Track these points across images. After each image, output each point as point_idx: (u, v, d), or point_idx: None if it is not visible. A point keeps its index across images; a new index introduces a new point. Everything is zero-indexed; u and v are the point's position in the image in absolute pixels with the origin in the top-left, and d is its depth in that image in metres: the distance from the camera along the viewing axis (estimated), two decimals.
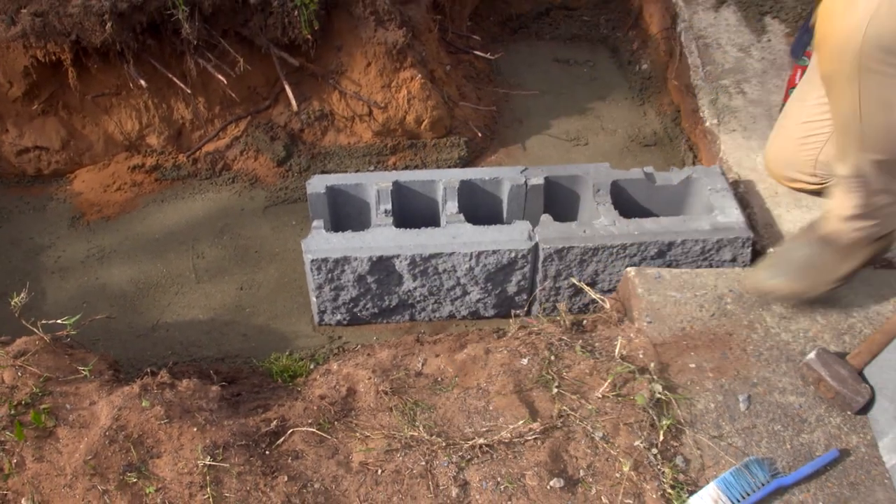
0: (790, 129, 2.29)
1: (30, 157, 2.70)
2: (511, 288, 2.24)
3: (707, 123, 2.61)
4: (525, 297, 2.27)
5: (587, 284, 2.21)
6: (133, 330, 2.32)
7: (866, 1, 1.56)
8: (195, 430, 1.69)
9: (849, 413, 1.83)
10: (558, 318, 2.10)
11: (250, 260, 2.54)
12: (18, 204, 2.70)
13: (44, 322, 1.83)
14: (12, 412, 1.63)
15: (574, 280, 2.20)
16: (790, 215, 2.30)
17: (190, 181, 2.75)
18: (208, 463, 1.63)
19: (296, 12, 2.54)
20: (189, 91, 2.61)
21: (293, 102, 2.68)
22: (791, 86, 2.58)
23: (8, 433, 1.61)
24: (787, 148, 2.30)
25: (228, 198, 2.71)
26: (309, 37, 2.61)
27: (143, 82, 2.53)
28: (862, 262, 2.00)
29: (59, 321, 1.82)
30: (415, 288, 2.22)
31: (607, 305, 2.14)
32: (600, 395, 1.85)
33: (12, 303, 1.84)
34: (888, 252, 2.07)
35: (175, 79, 2.57)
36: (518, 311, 2.25)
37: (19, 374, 1.70)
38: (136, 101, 2.66)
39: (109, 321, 2.31)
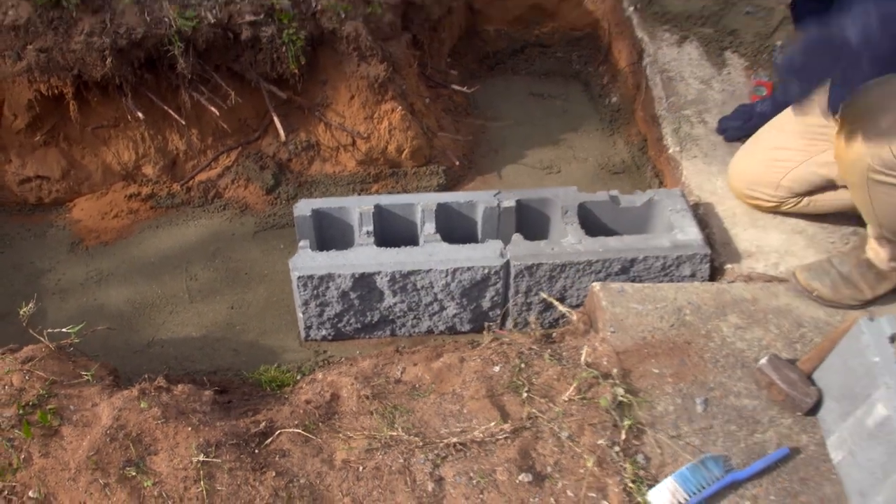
0: (761, 152, 2.49)
1: (31, 186, 2.85)
2: (485, 303, 2.39)
3: (670, 151, 2.79)
4: (498, 311, 2.42)
5: (556, 299, 2.36)
6: (130, 346, 2.46)
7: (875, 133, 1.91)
8: (189, 429, 1.83)
9: (798, 414, 1.98)
10: (530, 330, 2.25)
11: (240, 281, 2.68)
12: (20, 231, 2.84)
13: (49, 331, 1.97)
14: (20, 412, 1.77)
15: (544, 294, 2.35)
16: (746, 234, 2.47)
17: (183, 208, 2.90)
18: (202, 459, 1.77)
19: (284, 48, 2.72)
20: (183, 122, 2.78)
21: (281, 133, 2.85)
22: None
23: (17, 431, 1.75)
24: (755, 168, 2.49)
25: (220, 223, 2.87)
26: (296, 71, 2.79)
27: (140, 114, 2.70)
28: (892, 288, 2.26)
29: (63, 330, 1.97)
30: (395, 304, 2.37)
31: (574, 318, 2.29)
32: (567, 399, 2.00)
33: (21, 312, 1.99)
34: None
35: (171, 111, 2.74)
36: (492, 325, 2.40)
37: (27, 377, 1.84)
38: (132, 133, 2.82)
39: (108, 338, 2.45)
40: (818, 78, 1.88)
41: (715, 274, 2.41)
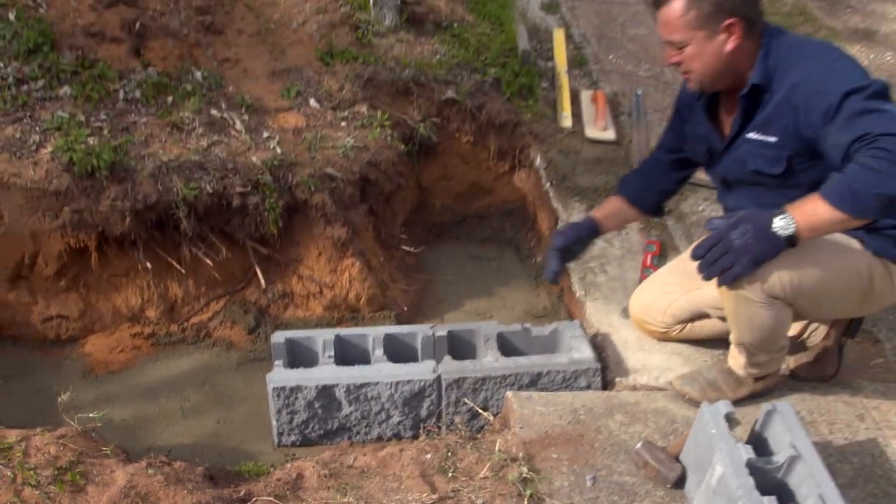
0: (655, 284, 3.14)
1: (52, 324, 3.43)
2: (423, 411, 2.97)
3: (577, 295, 3.45)
4: (434, 419, 3.00)
5: (480, 407, 2.96)
6: (131, 451, 2.99)
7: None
8: (185, 492, 2.37)
9: (668, 486, 2.52)
10: (457, 430, 2.84)
11: (225, 402, 3.25)
12: (40, 363, 3.40)
13: (79, 415, 2.54)
14: (55, 473, 2.31)
15: (469, 403, 2.95)
16: (635, 356, 3.09)
17: (179, 345, 3.48)
18: None
19: (266, 214, 3.40)
20: (184, 272, 3.42)
21: (263, 283, 3.50)
22: (644, 266, 3.48)
23: (52, 486, 2.28)
24: (648, 296, 3.13)
25: (209, 358, 3.45)
26: (275, 232, 3.46)
27: (149, 265, 3.35)
28: (751, 391, 2.81)
29: (90, 415, 2.54)
30: (351, 412, 2.94)
31: (492, 419, 2.88)
32: (482, 476, 2.55)
33: (59, 399, 2.56)
34: (772, 388, 2.86)
35: (174, 262, 3.39)
36: (428, 427, 2.97)
37: (61, 448, 2.40)
38: (140, 281, 3.45)
39: (114, 441, 2.98)
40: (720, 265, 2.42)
41: (607, 386, 3.02)
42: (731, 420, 2.39)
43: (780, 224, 2.28)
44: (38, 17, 3.72)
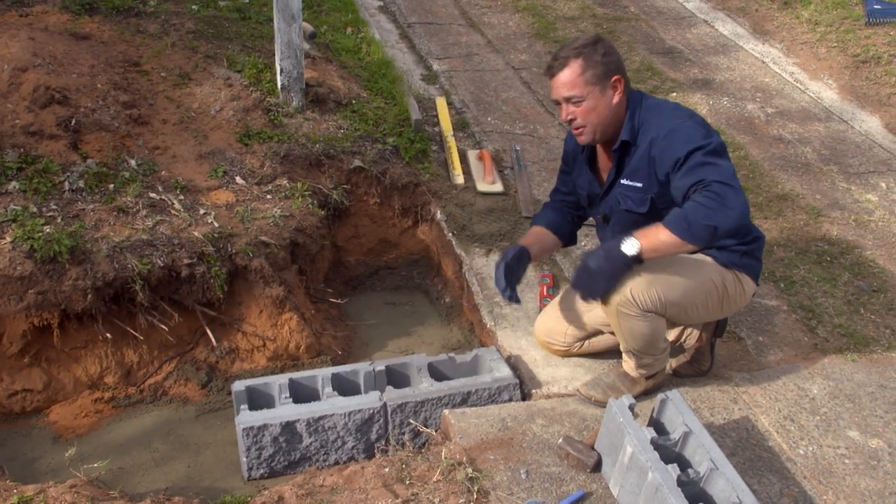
0: (553, 311, 3.69)
1: (18, 398, 3.73)
2: (373, 435, 3.46)
3: (488, 327, 4.01)
4: (383, 441, 3.49)
5: (422, 425, 3.47)
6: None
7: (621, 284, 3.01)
8: None
9: (588, 471, 3.07)
10: (406, 447, 3.34)
11: (192, 449, 3.64)
12: (10, 434, 3.69)
13: (85, 466, 2.91)
14: None
15: (413, 421, 3.45)
16: (545, 371, 3.65)
17: (139, 405, 3.83)
18: None
19: (211, 280, 3.84)
20: (141, 338, 3.81)
21: (213, 341, 3.92)
22: (542, 296, 4.07)
23: None
24: (549, 321, 3.69)
25: (169, 413, 3.83)
26: (220, 296, 3.89)
27: (108, 335, 3.72)
28: (645, 389, 3.40)
29: (94, 465, 2.91)
30: (311, 443, 3.40)
31: (434, 434, 3.40)
32: (436, 480, 3.05)
33: (66, 455, 2.92)
34: (661, 384, 3.48)
35: (130, 330, 3.77)
36: (380, 448, 3.46)
37: (76, 496, 2.77)
38: (98, 351, 3.80)
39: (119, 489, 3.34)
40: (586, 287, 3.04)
41: (525, 397, 3.58)
42: (633, 410, 2.98)
43: (627, 245, 2.89)
44: None
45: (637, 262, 2.91)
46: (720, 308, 3.27)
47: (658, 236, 2.86)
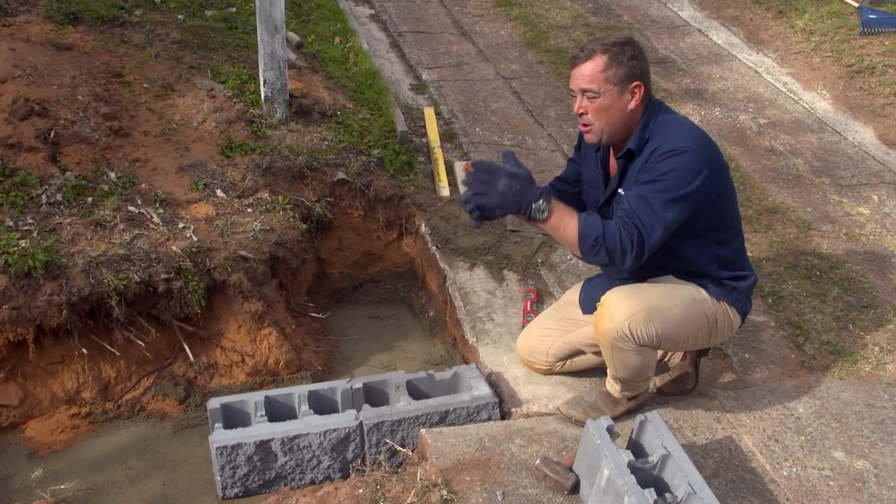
0: (536, 329, 3.64)
1: None
2: (349, 454, 3.41)
3: (470, 342, 3.96)
4: (360, 460, 3.44)
5: (399, 445, 3.41)
6: None
7: (621, 315, 2.97)
8: None
9: (566, 493, 3.03)
10: (382, 467, 3.28)
11: (167, 466, 3.59)
12: None
13: (52, 488, 2.86)
14: None
15: (389, 441, 3.40)
16: (526, 389, 3.60)
17: (116, 421, 3.80)
18: None
19: (189, 295, 3.79)
20: (118, 354, 3.76)
21: (190, 356, 3.87)
22: (525, 312, 4.02)
23: None
24: (531, 340, 3.63)
25: (146, 429, 3.78)
26: (198, 311, 3.84)
27: (84, 350, 3.68)
28: (627, 409, 3.35)
29: (61, 487, 2.86)
30: (286, 462, 3.35)
31: (411, 453, 3.35)
32: (409, 502, 2.99)
33: (32, 476, 2.87)
34: (643, 403, 3.43)
35: (107, 345, 3.73)
36: (356, 467, 3.41)
37: None
38: (75, 366, 3.76)
39: None
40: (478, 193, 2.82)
41: (505, 416, 3.52)
42: (611, 432, 2.92)
43: (537, 206, 2.80)
44: None
45: (536, 218, 2.83)
46: (708, 339, 3.23)
47: (566, 225, 2.84)
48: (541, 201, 2.80)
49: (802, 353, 3.87)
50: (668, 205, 2.85)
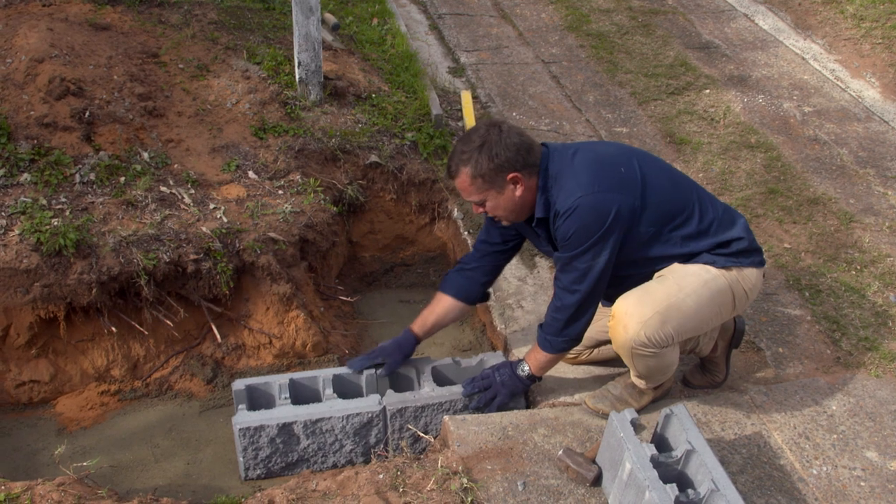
0: None
1: (25, 388, 3.75)
2: (372, 439, 3.40)
3: (499, 329, 3.93)
4: (382, 445, 3.43)
5: (422, 431, 3.40)
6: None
7: (634, 324, 2.95)
8: None
9: (588, 485, 3.00)
10: (403, 453, 3.27)
11: (192, 446, 3.62)
12: (16, 424, 3.72)
13: (74, 465, 2.89)
14: None
15: (411, 427, 3.39)
16: (552, 378, 3.56)
17: (144, 399, 3.84)
18: None
19: (217, 276, 3.81)
20: (147, 334, 3.79)
21: (218, 338, 3.89)
22: None
23: None
24: None
25: (173, 408, 3.82)
26: (226, 292, 3.86)
27: (114, 329, 3.71)
28: (653, 398, 3.35)
29: (83, 464, 2.90)
30: (308, 445, 3.35)
31: (433, 440, 3.33)
32: (429, 489, 2.99)
33: (55, 453, 2.91)
34: (669, 389, 3.42)
35: (136, 325, 3.76)
36: (378, 452, 3.40)
37: (63, 494, 2.75)
38: (105, 344, 3.80)
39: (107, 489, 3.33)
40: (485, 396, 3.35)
41: (530, 405, 3.50)
42: (636, 425, 2.88)
43: (521, 369, 3.29)
44: None
45: (533, 381, 3.32)
46: (733, 310, 3.14)
47: (538, 357, 3.25)
48: (518, 367, 3.32)
49: (838, 348, 3.78)
50: (589, 258, 2.93)
